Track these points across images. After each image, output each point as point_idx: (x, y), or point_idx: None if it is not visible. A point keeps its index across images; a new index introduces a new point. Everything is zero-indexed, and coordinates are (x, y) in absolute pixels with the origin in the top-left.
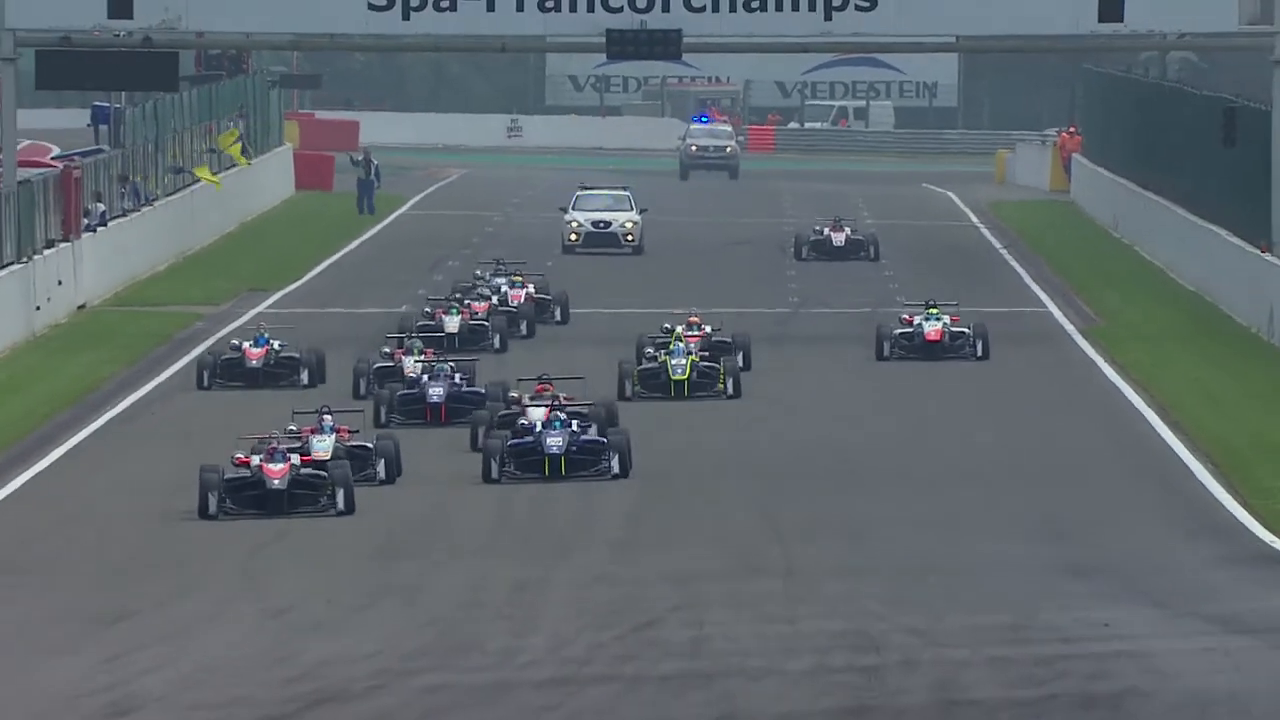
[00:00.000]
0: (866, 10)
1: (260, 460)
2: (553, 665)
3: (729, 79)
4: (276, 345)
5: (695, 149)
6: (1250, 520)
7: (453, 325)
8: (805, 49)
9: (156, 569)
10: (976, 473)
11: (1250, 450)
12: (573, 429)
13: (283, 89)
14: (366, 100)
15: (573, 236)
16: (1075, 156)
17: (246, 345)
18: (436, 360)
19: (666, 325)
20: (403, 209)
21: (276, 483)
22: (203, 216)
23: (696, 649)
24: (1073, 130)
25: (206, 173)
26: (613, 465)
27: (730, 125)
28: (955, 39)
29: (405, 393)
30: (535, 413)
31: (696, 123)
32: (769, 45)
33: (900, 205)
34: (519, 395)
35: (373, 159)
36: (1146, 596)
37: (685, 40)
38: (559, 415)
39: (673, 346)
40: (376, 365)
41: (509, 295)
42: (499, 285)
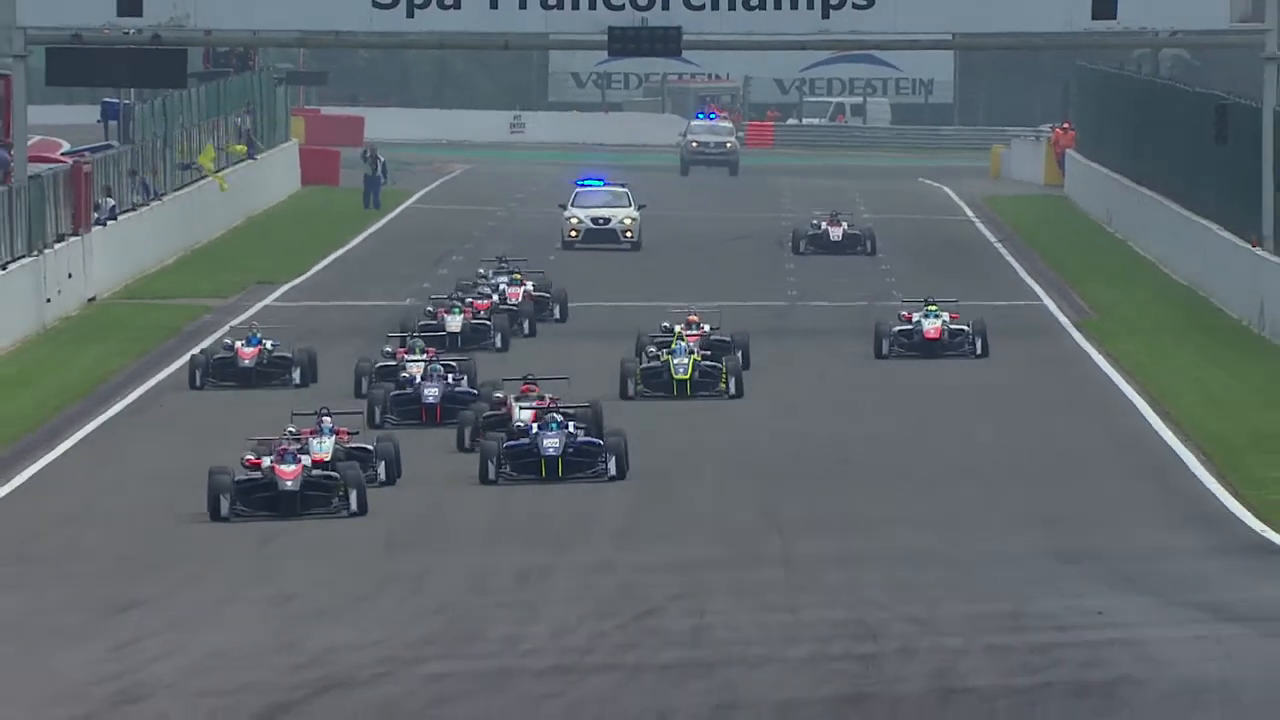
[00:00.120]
0: (864, 8)
1: (271, 462)
2: (555, 653)
3: (728, 76)
4: (269, 345)
5: (696, 145)
6: (1241, 510)
7: (455, 324)
8: (803, 46)
9: (165, 558)
10: (973, 466)
11: (1242, 441)
12: (569, 431)
13: (289, 85)
14: (372, 96)
15: (572, 233)
16: (1069, 152)
17: (239, 345)
18: (428, 361)
19: (665, 324)
20: (407, 203)
21: (289, 484)
22: (211, 211)
23: (697, 638)
24: (1067, 126)
25: (208, 159)
26: (610, 467)
27: (730, 121)
28: (951, 36)
29: (399, 393)
30: (522, 413)
31: (701, 119)
32: (768, 42)
33: (897, 200)
34: (504, 395)
35: (379, 155)
36: (1139, 585)
37: (685, 37)
38: (555, 417)
39: (675, 346)
40: (379, 364)
41: (507, 293)
42: (498, 284)
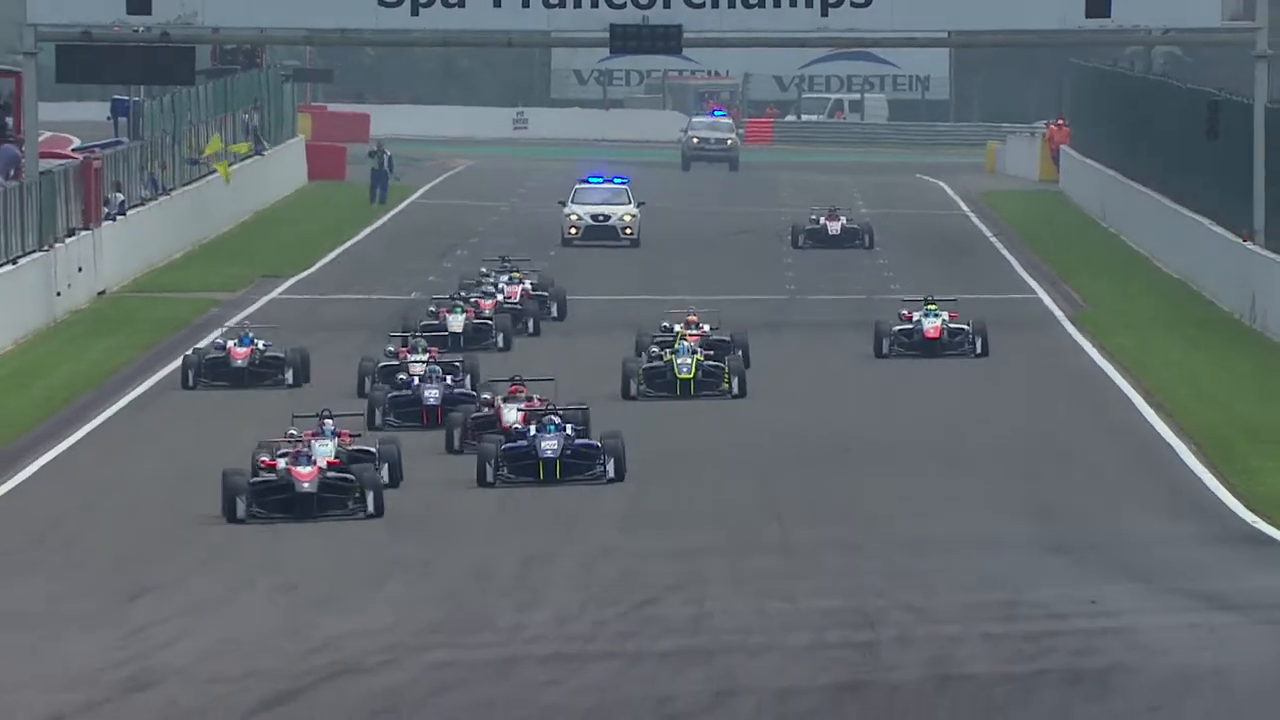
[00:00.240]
0: (861, 6)
1: (287, 463)
2: (557, 641)
3: (728, 73)
4: (261, 345)
5: (697, 141)
6: (1232, 501)
7: (457, 325)
8: (802, 44)
9: (175, 547)
10: (969, 457)
11: (1233, 433)
12: (567, 433)
13: (296, 82)
14: (377, 93)
15: (572, 230)
16: (1063, 148)
17: (231, 345)
18: (427, 362)
19: (665, 325)
20: (412, 198)
21: (306, 485)
22: (218, 205)
23: (697, 626)
24: (1061, 122)
25: (219, 141)
26: (608, 469)
27: (730, 118)
28: (947, 34)
29: (397, 394)
30: (510, 414)
31: (708, 116)
32: (767, 40)
33: (894, 195)
34: (491, 397)
35: (386, 151)
36: (1132, 574)
37: (686, 35)
38: (554, 419)
39: (678, 345)
40: (381, 364)
41: (506, 292)
42: (498, 283)
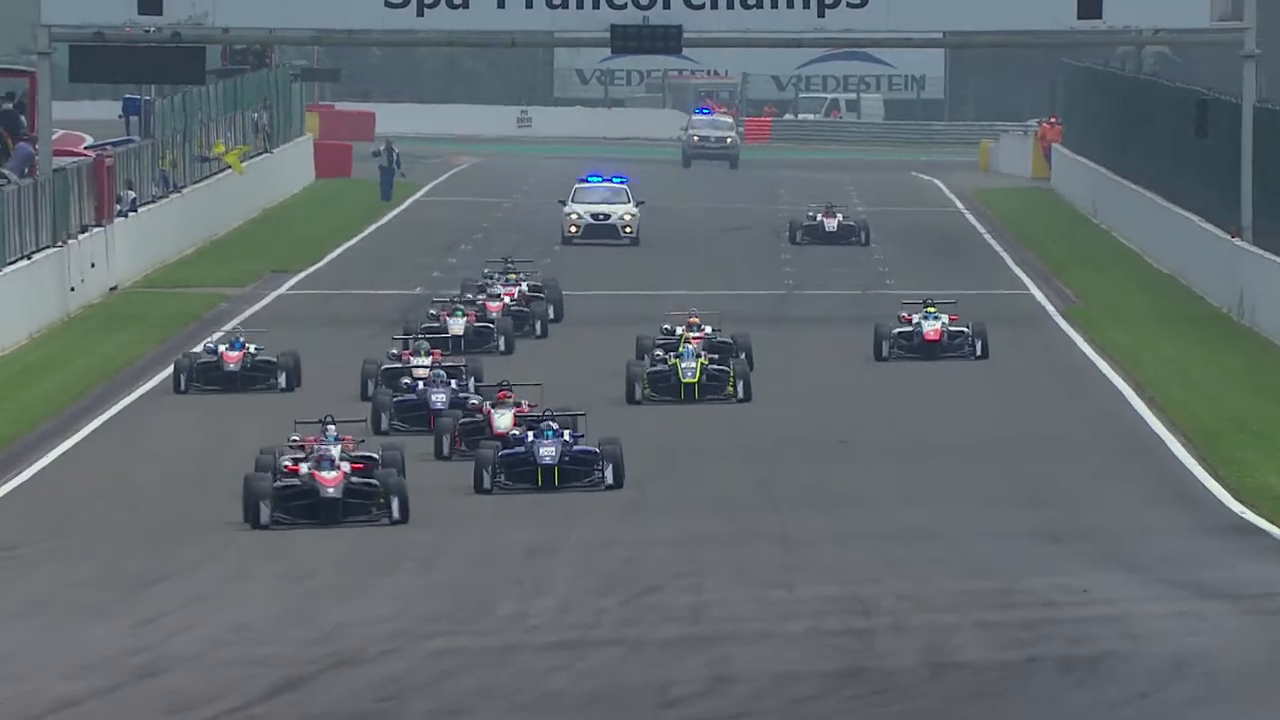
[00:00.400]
0: (858, 7)
1: (310, 468)
2: (559, 629)
3: (727, 72)
4: (253, 349)
5: (697, 139)
6: (1221, 491)
7: (457, 327)
8: (799, 44)
9: (186, 536)
10: (964, 448)
11: (1221, 425)
12: (565, 439)
13: (304, 82)
14: (383, 92)
15: (572, 228)
16: (1055, 146)
17: (223, 349)
18: (431, 366)
19: (666, 327)
20: (417, 195)
21: (330, 491)
22: (228, 203)
23: (696, 614)
24: (1053, 121)
25: (221, 145)
26: (606, 475)
27: (730, 116)
28: (942, 34)
29: (402, 399)
30: (501, 420)
31: (699, 114)
32: (765, 40)
33: (889, 192)
34: (480, 402)
35: (394, 148)
36: (1123, 563)
37: (685, 35)
38: (551, 425)
39: (681, 349)
40: (384, 367)
41: (502, 293)
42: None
